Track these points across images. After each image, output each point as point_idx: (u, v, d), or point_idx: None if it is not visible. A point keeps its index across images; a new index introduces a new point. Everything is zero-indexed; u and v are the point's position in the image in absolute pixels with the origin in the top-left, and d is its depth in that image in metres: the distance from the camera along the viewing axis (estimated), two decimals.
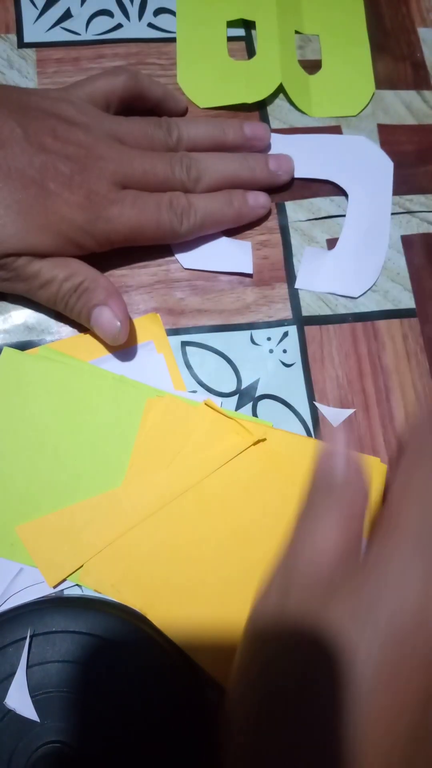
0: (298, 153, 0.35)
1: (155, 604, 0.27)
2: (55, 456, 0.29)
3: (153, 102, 0.34)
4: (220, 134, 0.33)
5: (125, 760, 0.25)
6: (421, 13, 0.40)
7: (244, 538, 0.29)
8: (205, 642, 0.27)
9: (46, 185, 0.28)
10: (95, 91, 0.31)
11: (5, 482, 0.28)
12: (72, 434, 0.29)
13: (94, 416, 0.30)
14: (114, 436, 0.29)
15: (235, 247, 0.34)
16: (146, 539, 0.28)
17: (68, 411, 0.30)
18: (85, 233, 0.29)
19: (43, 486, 0.29)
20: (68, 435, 0.29)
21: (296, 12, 0.39)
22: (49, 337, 0.31)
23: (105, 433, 0.29)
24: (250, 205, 0.33)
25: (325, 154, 0.36)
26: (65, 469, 0.29)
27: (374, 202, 0.36)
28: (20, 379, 0.30)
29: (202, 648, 0.27)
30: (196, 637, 0.27)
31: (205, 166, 0.32)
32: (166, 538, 0.28)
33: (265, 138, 0.35)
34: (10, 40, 0.36)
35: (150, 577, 0.28)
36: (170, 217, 0.31)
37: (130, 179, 0.30)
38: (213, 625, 0.27)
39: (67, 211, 0.28)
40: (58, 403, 0.30)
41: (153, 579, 0.28)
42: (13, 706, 0.25)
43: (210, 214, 0.32)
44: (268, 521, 0.29)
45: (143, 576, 0.28)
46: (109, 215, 0.29)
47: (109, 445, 0.29)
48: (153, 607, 0.27)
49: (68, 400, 0.30)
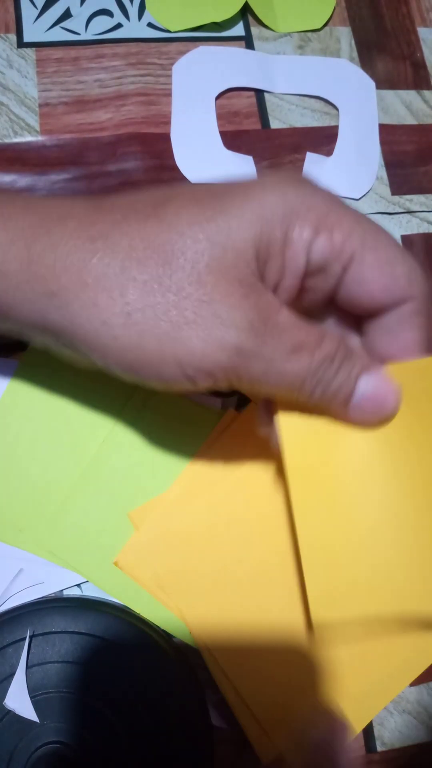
0: (291, 73, 0.38)
1: (195, 605, 0.27)
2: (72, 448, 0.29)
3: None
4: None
5: (125, 761, 0.25)
6: (421, 13, 0.40)
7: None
8: (241, 657, 0.27)
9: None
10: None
11: (18, 468, 0.29)
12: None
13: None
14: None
15: (238, 160, 0.35)
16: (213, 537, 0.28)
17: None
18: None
19: (57, 474, 0.29)
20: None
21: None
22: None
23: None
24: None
25: (315, 73, 0.38)
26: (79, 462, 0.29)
27: (362, 117, 0.38)
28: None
29: (235, 662, 0.27)
30: (232, 648, 0.27)
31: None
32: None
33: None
34: (10, 39, 0.36)
35: (198, 575, 0.28)
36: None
37: None
38: (254, 637, 0.27)
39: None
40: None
41: (202, 578, 0.28)
42: (13, 707, 0.25)
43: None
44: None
45: (192, 572, 0.28)
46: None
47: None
48: (193, 608, 0.27)
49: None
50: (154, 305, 0.20)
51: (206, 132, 0.36)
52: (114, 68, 0.36)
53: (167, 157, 0.35)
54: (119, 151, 0.35)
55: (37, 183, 0.34)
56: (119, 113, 0.35)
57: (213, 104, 0.36)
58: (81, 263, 0.21)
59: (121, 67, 0.36)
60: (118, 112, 0.35)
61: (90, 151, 0.35)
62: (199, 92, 0.37)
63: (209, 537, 0.28)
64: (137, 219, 0.21)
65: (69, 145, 0.35)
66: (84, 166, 0.34)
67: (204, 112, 0.36)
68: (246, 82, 0.37)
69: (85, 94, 0.36)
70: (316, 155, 0.36)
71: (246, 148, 0.36)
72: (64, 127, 0.35)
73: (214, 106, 0.36)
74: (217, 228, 0.20)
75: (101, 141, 0.35)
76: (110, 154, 0.35)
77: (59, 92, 0.35)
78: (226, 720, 0.27)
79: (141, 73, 0.36)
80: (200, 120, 0.36)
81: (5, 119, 0.34)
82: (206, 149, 0.36)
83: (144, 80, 0.36)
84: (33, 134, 0.34)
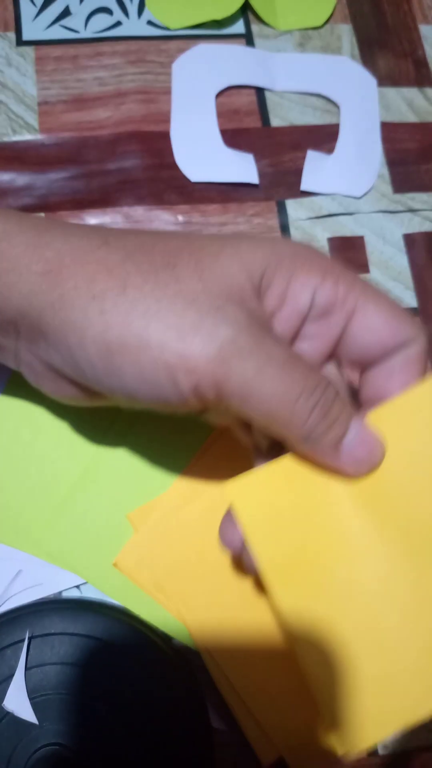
0: (292, 70, 0.37)
1: (195, 606, 0.27)
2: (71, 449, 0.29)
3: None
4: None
5: (124, 763, 0.25)
6: (423, 10, 0.40)
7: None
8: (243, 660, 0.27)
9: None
10: None
11: (17, 469, 0.28)
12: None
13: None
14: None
15: (239, 158, 0.35)
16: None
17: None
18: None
19: (56, 475, 0.29)
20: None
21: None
22: None
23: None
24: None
25: (316, 71, 0.38)
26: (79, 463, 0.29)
27: (363, 115, 0.37)
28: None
29: (235, 664, 0.27)
30: (232, 650, 0.27)
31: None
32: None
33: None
34: (9, 38, 0.36)
35: (197, 576, 0.27)
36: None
37: None
38: (256, 643, 0.27)
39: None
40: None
41: (201, 579, 0.27)
42: (12, 709, 0.25)
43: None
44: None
45: (191, 573, 0.28)
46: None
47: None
48: (193, 610, 0.27)
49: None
50: (146, 293, 0.20)
51: (206, 130, 0.36)
52: (113, 66, 0.36)
53: (167, 156, 0.35)
54: (118, 150, 0.35)
55: (35, 182, 0.34)
56: (119, 111, 0.35)
57: (213, 102, 0.36)
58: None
59: (120, 65, 0.36)
60: (117, 111, 0.35)
61: (89, 150, 0.34)
62: (199, 90, 0.36)
63: (209, 538, 0.28)
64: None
65: (68, 144, 0.34)
66: (83, 165, 0.34)
67: (204, 110, 0.36)
68: (246, 79, 0.37)
69: (84, 92, 0.35)
70: (317, 153, 0.36)
71: (246, 146, 0.36)
72: (63, 125, 0.35)
73: (214, 104, 0.36)
74: (227, 255, 0.21)
75: (100, 139, 0.35)
76: (109, 152, 0.35)
77: (58, 90, 0.35)
78: (226, 722, 0.27)
79: (140, 71, 0.36)
80: (200, 118, 0.36)
81: (4, 117, 0.34)
82: (206, 147, 0.35)
83: (143, 78, 0.36)
84: (32, 133, 0.34)
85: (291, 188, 0.35)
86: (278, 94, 0.37)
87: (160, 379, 0.19)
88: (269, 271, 0.21)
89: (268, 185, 0.35)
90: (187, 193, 0.35)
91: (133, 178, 0.34)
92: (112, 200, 0.34)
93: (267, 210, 0.35)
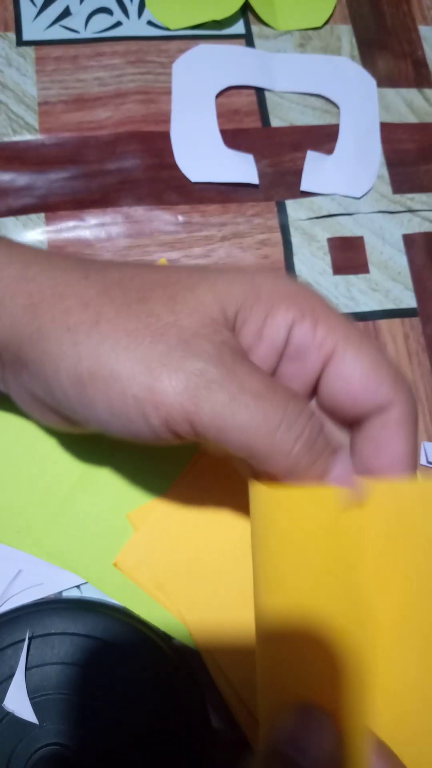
0: (292, 71, 0.38)
1: (195, 606, 0.27)
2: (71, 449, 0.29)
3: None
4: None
5: (124, 763, 0.25)
6: (422, 11, 0.40)
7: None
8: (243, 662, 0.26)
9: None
10: None
11: (17, 469, 0.28)
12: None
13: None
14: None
15: (239, 158, 0.35)
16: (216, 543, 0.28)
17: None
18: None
19: (56, 475, 0.29)
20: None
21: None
22: None
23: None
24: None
25: (315, 71, 0.38)
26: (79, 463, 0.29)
27: (363, 115, 0.38)
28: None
29: (235, 663, 0.27)
30: (232, 649, 0.27)
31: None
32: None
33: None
34: (9, 38, 0.36)
35: (198, 576, 0.27)
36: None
37: None
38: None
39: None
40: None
41: (202, 579, 0.27)
42: (12, 709, 0.25)
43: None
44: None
45: (191, 573, 0.27)
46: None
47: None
48: (192, 610, 0.27)
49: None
50: (117, 327, 0.20)
51: (206, 130, 0.36)
52: (113, 66, 0.36)
53: (167, 156, 0.35)
54: (118, 150, 0.35)
55: (36, 182, 0.34)
56: (119, 111, 0.35)
57: (213, 102, 0.36)
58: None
59: (120, 65, 0.36)
60: (117, 111, 0.35)
61: (89, 150, 0.34)
62: (199, 90, 0.36)
63: (209, 538, 0.28)
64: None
65: (68, 144, 0.34)
66: (83, 165, 0.34)
67: (204, 110, 0.36)
68: (246, 80, 0.37)
69: (84, 92, 0.35)
70: (317, 153, 0.36)
71: (246, 147, 0.36)
72: (63, 125, 0.35)
73: (214, 105, 0.36)
74: (203, 289, 0.21)
75: (100, 139, 0.35)
76: (109, 152, 0.35)
77: (58, 90, 0.35)
78: (227, 721, 0.27)
79: (141, 71, 0.36)
80: (200, 118, 0.36)
81: (4, 117, 0.34)
82: (206, 148, 0.35)
83: (144, 78, 0.36)
84: (32, 133, 0.34)
85: (291, 188, 0.35)
86: (278, 95, 0.37)
87: (130, 412, 0.19)
88: (246, 305, 0.21)
89: (268, 185, 0.35)
90: (187, 194, 0.35)
91: (133, 178, 0.34)
92: (112, 200, 0.34)
93: (267, 210, 0.35)
